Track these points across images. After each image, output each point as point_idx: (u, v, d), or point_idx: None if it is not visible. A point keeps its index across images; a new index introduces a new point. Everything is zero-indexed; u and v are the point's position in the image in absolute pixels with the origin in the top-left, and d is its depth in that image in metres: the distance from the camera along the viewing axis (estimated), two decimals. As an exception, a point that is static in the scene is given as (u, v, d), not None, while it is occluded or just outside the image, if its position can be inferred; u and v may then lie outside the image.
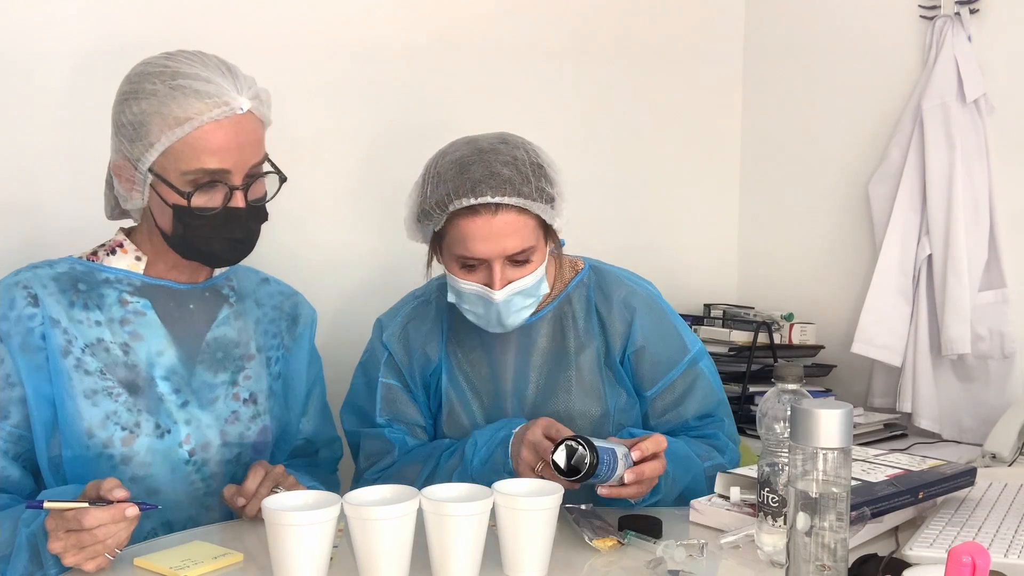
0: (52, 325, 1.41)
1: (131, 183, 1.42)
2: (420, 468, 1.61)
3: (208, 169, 1.37)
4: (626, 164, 2.75)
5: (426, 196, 1.54)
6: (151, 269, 1.50)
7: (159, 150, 1.37)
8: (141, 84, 1.38)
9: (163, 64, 1.39)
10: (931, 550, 1.23)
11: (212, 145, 1.36)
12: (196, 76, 1.37)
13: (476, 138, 1.58)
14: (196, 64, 1.39)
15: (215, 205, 1.40)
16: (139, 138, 1.37)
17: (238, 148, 1.39)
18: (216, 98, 1.36)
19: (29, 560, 1.25)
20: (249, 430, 1.53)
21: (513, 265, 1.55)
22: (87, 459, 1.39)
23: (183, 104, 1.35)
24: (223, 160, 1.38)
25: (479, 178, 1.49)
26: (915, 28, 2.56)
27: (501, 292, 1.54)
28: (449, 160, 1.54)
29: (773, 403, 1.25)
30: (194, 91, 1.36)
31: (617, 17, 2.70)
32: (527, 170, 1.52)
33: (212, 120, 1.36)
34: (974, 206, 2.41)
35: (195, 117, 1.35)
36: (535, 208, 1.52)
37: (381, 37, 2.26)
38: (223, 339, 1.54)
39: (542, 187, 1.53)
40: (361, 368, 1.76)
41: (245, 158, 1.40)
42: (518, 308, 1.58)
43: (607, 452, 1.32)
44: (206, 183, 1.38)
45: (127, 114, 1.38)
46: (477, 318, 1.60)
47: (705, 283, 2.93)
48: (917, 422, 2.48)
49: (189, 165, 1.37)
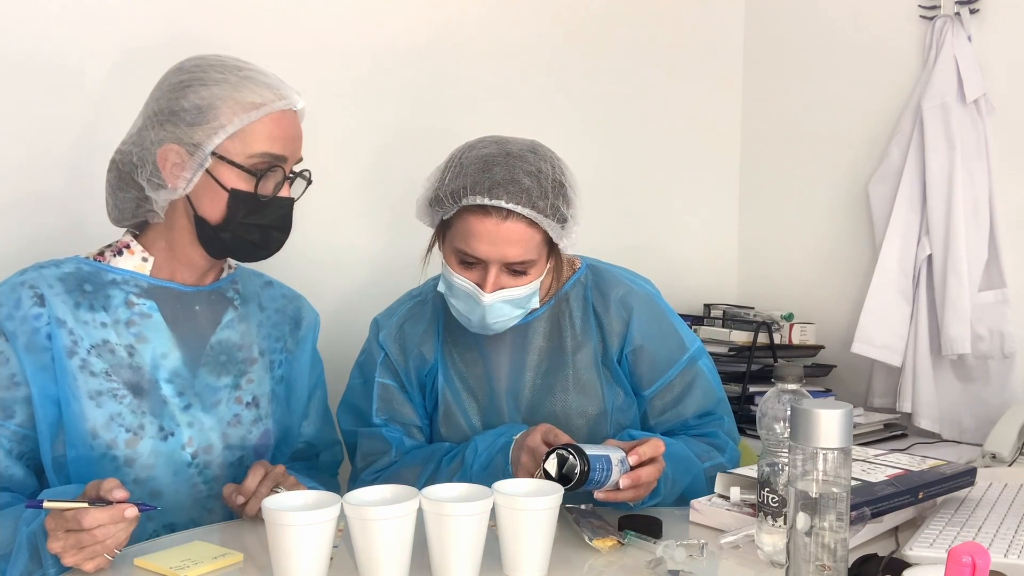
0: (58, 325, 1.41)
1: (180, 168, 1.42)
2: (419, 471, 1.61)
3: (274, 154, 1.44)
4: (626, 164, 2.75)
5: (444, 183, 1.54)
6: (158, 271, 1.50)
7: (230, 131, 1.41)
8: (206, 73, 1.43)
9: (218, 59, 1.45)
10: (931, 550, 1.23)
11: (279, 132, 1.44)
12: (259, 71, 1.46)
13: (507, 140, 1.57)
14: (250, 66, 1.47)
15: (267, 193, 1.45)
16: (206, 121, 1.40)
17: (295, 139, 1.47)
18: (281, 91, 1.45)
19: (29, 559, 1.25)
20: (251, 433, 1.53)
21: (510, 273, 1.55)
22: (91, 459, 1.39)
23: (255, 91, 1.42)
24: (284, 147, 1.45)
25: (499, 180, 1.49)
26: (915, 28, 2.57)
27: (490, 296, 1.54)
28: (475, 155, 1.54)
29: (773, 403, 1.25)
30: (263, 82, 1.44)
31: (617, 17, 2.70)
32: (547, 185, 1.52)
33: (280, 109, 1.44)
34: (974, 206, 2.42)
35: (267, 104, 1.42)
36: (544, 224, 1.52)
37: (386, 40, 2.26)
38: (227, 342, 1.54)
39: (557, 205, 1.52)
40: (358, 368, 1.76)
41: (296, 151, 1.48)
42: (503, 315, 1.58)
43: (599, 460, 1.32)
44: (267, 168, 1.44)
45: (190, 99, 1.41)
46: (460, 314, 1.60)
47: (705, 283, 2.93)
48: (917, 422, 2.48)
49: (257, 148, 1.42)
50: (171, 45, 1.75)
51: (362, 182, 2.26)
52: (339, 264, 2.22)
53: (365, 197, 2.27)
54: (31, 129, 1.82)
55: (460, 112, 2.35)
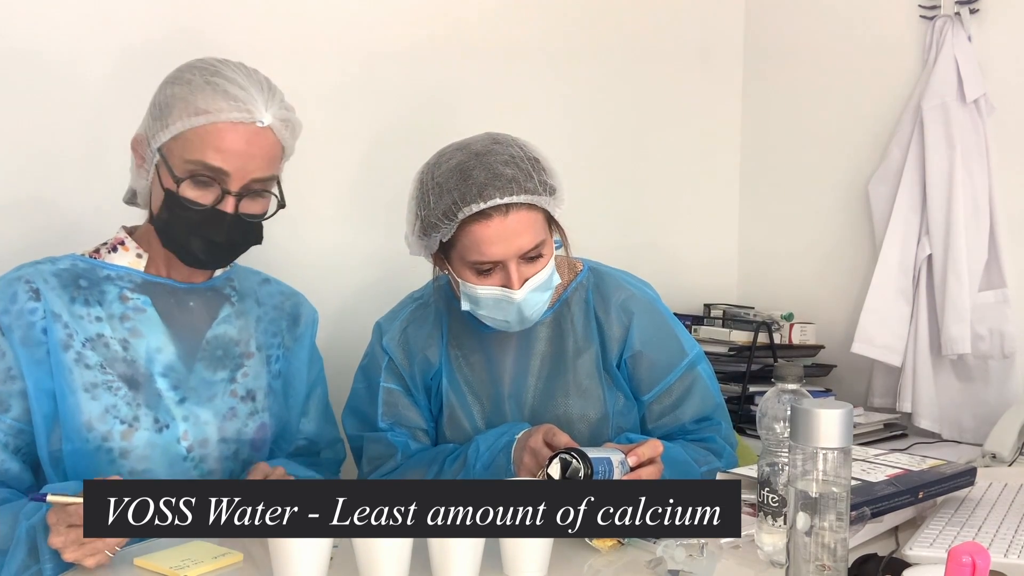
0: (53, 319, 1.41)
1: (142, 159, 1.47)
2: (423, 473, 1.61)
3: (209, 164, 1.40)
4: (626, 164, 2.75)
5: (430, 208, 1.52)
6: (151, 267, 1.52)
7: (172, 133, 1.41)
8: (183, 72, 1.44)
9: (210, 63, 1.45)
10: (931, 550, 1.23)
11: (220, 143, 1.40)
12: (233, 80, 1.42)
13: (466, 142, 1.57)
14: (239, 72, 1.44)
15: (204, 202, 1.42)
16: (160, 117, 1.42)
17: (244, 156, 1.41)
18: (241, 103, 1.41)
19: (27, 555, 1.25)
20: (247, 427, 1.53)
21: (527, 262, 1.54)
22: (86, 452, 1.40)
23: (208, 98, 1.40)
24: (225, 161, 1.40)
25: (484, 181, 1.49)
26: (915, 28, 2.57)
27: (521, 291, 1.53)
28: (446, 169, 1.52)
29: (773, 403, 1.25)
30: (223, 91, 1.41)
31: (617, 17, 2.70)
32: (527, 166, 1.52)
33: (229, 121, 1.40)
34: (974, 206, 2.42)
35: (214, 112, 1.40)
36: (542, 202, 1.52)
37: (381, 40, 2.26)
38: (223, 337, 1.54)
39: (544, 180, 1.53)
40: (362, 372, 1.75)
41: (249, 168, 1.42)
42: (537, 303, 1.57)
43: (601, 462, 1.33)
44: (203, 178, 1.41)
45: (161, 94, 1.44)
46: (496, 322, 1.59)
47: (705, 283, 2.93)
48: (917, 422, 2.48)
49: (192, 155, 1.40)
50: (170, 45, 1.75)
51: (357, 183, 2.26)
52: (339, 264, 2.22)
53: (366, 198, 2.27)
54: (31, 130, 1.82)
55: (460, 112, 2.35)
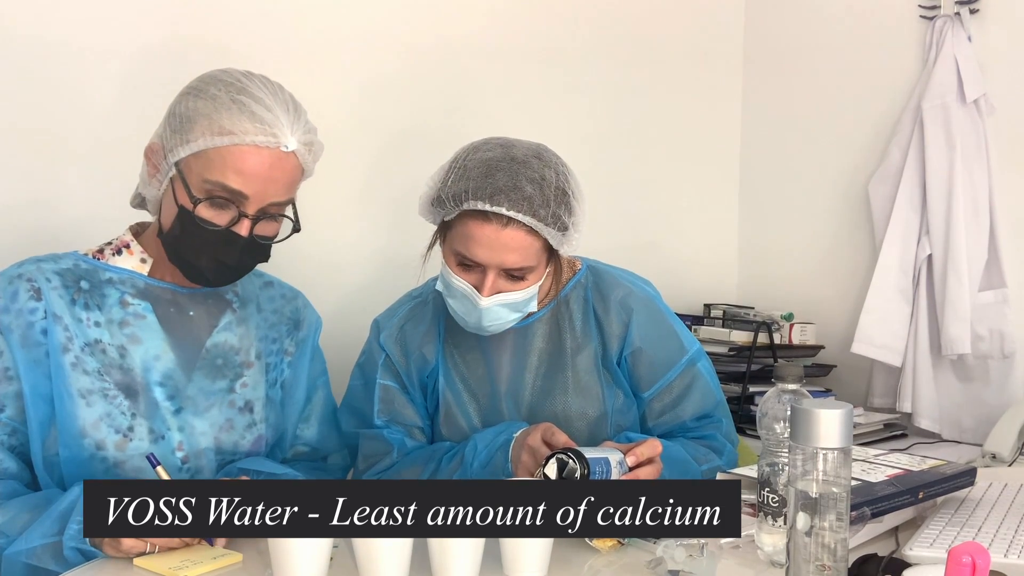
0: (54, 321, 1.40)
1: (156, 169, 1.43)
2: (420, 471, 1.61)
3: (228, 187, 1.38)
4: (626, 164, 2.75)
5: (446, 185, 1.52)
6: (156, 272, 1.50)
7: (192, 149, 1.38)
8: (207, 86, 1.40)
9: (237, 78, 1.41)
10: (931, 550, 1.23)
11: (242, 166, 1.37)
12: (260, 100, 1.39)
13: (513, 143, 1.55)
14: (266, 91, 1.41)
15: (219, 223, 1.40)
16: (181, 131, 1.39)
17: (266, 180, 1.39)
18: (267, 127, 1.38)
19: (55, 523, 1.27)
20: (244, 439, 1.52)
21: (508, 278, 1.54)
22: (82, 460, 1.39)
23: (234, 118, 1.37)
24: (246, 184, 1.38)
25: (501, 187, 1.48)
26: (915, 28, 2.57)
27: (487, 300, 1.53)
28: (479, 158, 1.52)
29: (773, 403, 1.25)
30: (250, 112, 1.37)
31: (617, 18, 2.70)
32: (550, 193, 1.51)
33: (253, 144, 1.37)
34: (974, 206, 2.42)
35: (239, 134, 1.36)
36: (545, 232, 1.51)
37: (391, 41, 2.26)
38: (224, 345, 1.53)
39: (559, 214, 1.51)
40: (359, 369, 1.75)
41: (268, 192, 1.40)
42: (499, 318, 1.57)
43: (598, 463, 1.32)
44: (221, 199, 1.39)
45: (182, 106, 1.40)
46: (458, 316, 1.60)
47: (705, 283, 2.93)
48: (917, 422, 2.48)
49: (213, 175, 1.37)
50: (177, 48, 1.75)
51: (363, 182, 2.26)
52: (340, 264, 2.22)
53: (366, 197, 2.27)
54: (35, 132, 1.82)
55: (461, 112, 2.35)
